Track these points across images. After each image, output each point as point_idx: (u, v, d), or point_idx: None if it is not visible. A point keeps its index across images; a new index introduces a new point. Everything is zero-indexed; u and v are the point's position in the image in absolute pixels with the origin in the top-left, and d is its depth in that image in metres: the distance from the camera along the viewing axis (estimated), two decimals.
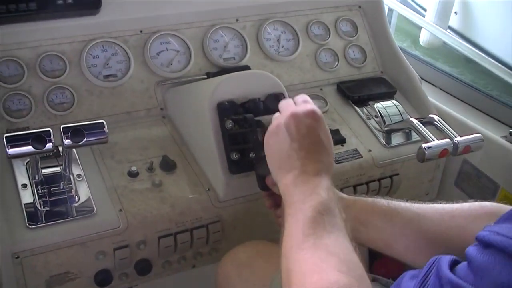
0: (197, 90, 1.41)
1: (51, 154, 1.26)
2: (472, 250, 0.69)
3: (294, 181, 0.97)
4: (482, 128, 1.63)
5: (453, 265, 0.70)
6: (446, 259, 0.71)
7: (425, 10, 3.11)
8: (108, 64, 1.48)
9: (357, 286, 0.74)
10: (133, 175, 1.32)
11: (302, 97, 1.10)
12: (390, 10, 2.87)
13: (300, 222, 0.87)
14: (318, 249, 0.81)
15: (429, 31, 2.60)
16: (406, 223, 1.07)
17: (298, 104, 1.08)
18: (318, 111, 1.04)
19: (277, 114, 1.10)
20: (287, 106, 1.07)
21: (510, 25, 2.55)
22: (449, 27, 2.82)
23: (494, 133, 1.63)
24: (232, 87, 1.30)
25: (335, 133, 1.53)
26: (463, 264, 0.69)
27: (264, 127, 1.19)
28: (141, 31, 1.53)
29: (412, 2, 3.31)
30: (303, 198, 0.92)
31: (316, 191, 0.92)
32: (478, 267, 0.66)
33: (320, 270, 0.77)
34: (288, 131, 1.01)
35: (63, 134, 1.11)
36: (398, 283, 0.85)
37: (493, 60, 2.14)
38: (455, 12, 3.05)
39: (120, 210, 1.24)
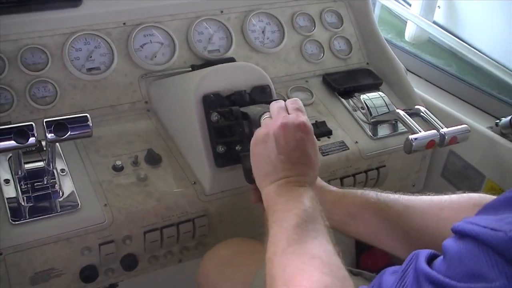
0: (182, 83, 1.39)
1: (34, 148, 1.24)
2: (447, 241, 0.68)
3: (278, 190, 0.98)
4: (468, 119, 1.64)
5: (431, 259, 0.70)
6: (424, 253, 0.71)
7: (410, 5, 3.10)
8: (91, 57, 1.46)
9: (339, 287, 0.76)
10: (118, 169, 1.30)
11: (295, 103, 1.07)
12: (374, 1, 2.87)
13: (283, 229, 0.88)
14: (301, 254, 0.82)
15: (415, 23, 2.60)
16: (395, 215, 1.07)
17: (289, 110, 1.06)
18: (309, 123, 1.03)
19: (267, 116, 1.09)
20: (278, 112, 1.06)
21: (493, 18, 2.56)
22: (434, 22, 2.82)
23: (480, 124, 1.63)
24: (217, 79, 1.29)
25: (322, 125, 1.52)
26: (440, 257, 0.69)
27: (250, 119, 1.18)
28: (124, 23, 1.51)
29: None
30: (287, 206, 0.93)
31: (299, 200, 0.93)
32: (451, 257, 0.66)
33: (303, 272, 0.78)
34: (276, 142, 1.01)
35: (46, 128, 1.09)
36: (379, 279, 0.85)
37: (482, 54, 2.14)
38: (438, 6, 3.04)
39: (105, 205, 1.23)
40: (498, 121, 1.61)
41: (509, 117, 1.56)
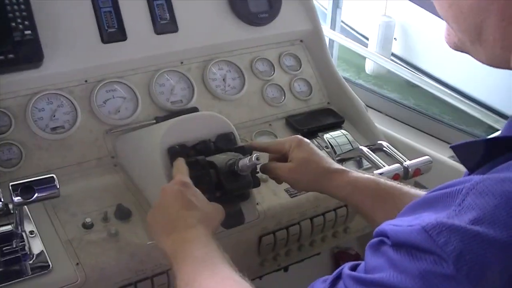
0: (147, 136, 1.40)
1: (1, 212, 1.23)
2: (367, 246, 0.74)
3: (173, 245, 1.06)
4: (430, 150, 1.68)
5: (355, 266, 0.76)
6: (350, 263, 0.77)
7: (367, 39, 3.18)
8: (54, 116, 1.46)
9: None
10: (88, 226, 1.30)
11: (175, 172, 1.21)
12: (331, 41, 2.93)
13: (189, 267, 0.98)
14: (215, 275, 0.95)
15: (372, 59, 2.67)
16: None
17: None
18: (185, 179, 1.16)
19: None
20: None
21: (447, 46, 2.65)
22: (392, 54, 2.90)
23: (442, 154, 1.67)
24: (182, 130, 1.31)
25: None
26: (363, 262, 0.75)
27: (217, 168, 1.20)
28: (86, 81, 1.51)
29: (354, 32, 3.39)
30: (185, 254, 1.02)
31: (194, 244, 1.03)
32: (366, 264, 0.72)
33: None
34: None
35: (13, 191, 1.09)
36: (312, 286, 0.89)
37: (434, 83, 2.21)
38: (394, 38, 3.13)
39: (77, 264, 1.22)
40: None
41: None
